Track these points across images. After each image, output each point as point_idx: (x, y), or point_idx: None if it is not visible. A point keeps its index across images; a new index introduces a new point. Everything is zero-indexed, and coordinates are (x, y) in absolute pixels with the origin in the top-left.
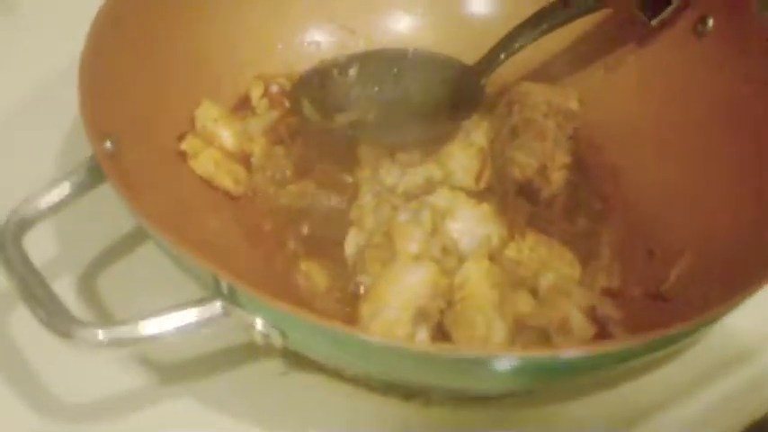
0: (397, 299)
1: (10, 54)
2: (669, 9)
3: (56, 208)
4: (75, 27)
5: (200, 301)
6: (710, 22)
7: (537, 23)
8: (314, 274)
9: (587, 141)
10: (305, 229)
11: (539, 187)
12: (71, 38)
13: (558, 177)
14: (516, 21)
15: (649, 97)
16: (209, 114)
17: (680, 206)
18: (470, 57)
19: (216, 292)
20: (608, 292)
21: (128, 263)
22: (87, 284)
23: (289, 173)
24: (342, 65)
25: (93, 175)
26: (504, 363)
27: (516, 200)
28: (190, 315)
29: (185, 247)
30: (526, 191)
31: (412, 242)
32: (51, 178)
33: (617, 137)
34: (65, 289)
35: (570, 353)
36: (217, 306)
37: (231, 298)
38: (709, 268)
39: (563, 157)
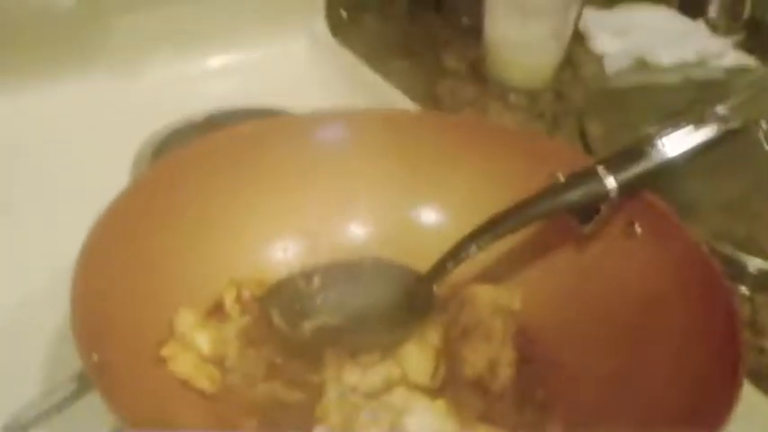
0: None
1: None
2: (598, 217)
3: (47, 416)
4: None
5: None
6: (637, 227)
7: (480, 236)
8: None
9: (530, 337)
10: (275, 425)
11: (488, 383)
12: (59, 252)
13: (505, 373)
14: (462, 227)
15: (586, 296)
16: (186, 321)
17: (618, 394)
18: (422, 260)
19: None
20: None
21: None
22: None
23: (260, 373)
24: (307, 275)
25: (83, 386)
26: None
27: (468, 395)
28: None
29: None
30: (477, 386)
31: None
32: (40, 389)
33: (557, 333)
34: None
35: None
36: None
37: None
38: None
39: (509, 354)
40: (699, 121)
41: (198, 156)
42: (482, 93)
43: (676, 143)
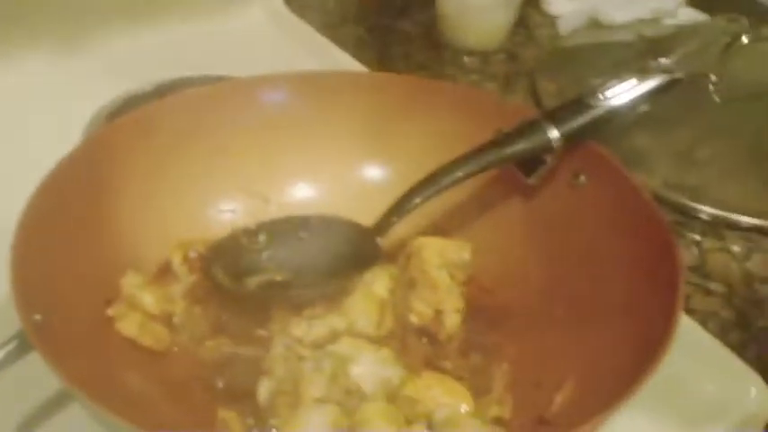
0: None
1: None
2: (543, 168)
3: None
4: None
5: None
6: (582, 177)
7: (425, 188)
8: (230, 422)
9: (479, 285)
10: (222, 381)
11: (435, 331)
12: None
13: (451, 321)
14: (408, 183)
15: (535, 244)
16: (133, 282)
17: (563, 340)
18: (370, 216)
19: None
20: (499, 421)
21: (58, 422)
22: None
23: (206, 330)
24: (251, 232)
25: (23, 345)
26: None
27: (415, 343)
28: None
29: (108, 408)
30: (424, 334)
31: (315, 388)
32: None
33: (507, 281)
34: None
35: None
36: None
37: None
38: (588, 393)
39: (456, 303)
40: (643, 73)
41: (144, 119)
42: (436, 56)
43: (620, 94)
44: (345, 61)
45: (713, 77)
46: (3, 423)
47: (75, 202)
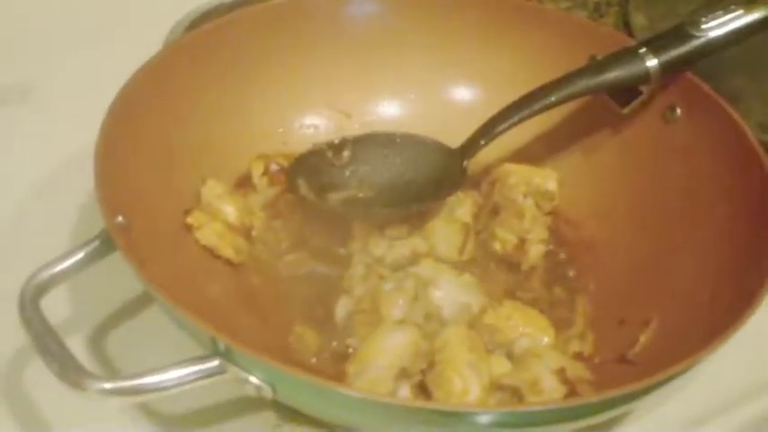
0: (381, 359)
1: (28, 138)
2: (638, 99)
3: (71, 274)
4: (86, 113)
5: (199, 359)
6: (678, 111)
7: (515, 112)
8: (306, 337)
9: (565, 218)
10: (300, 297)
11: (518, 260)
12: (84, 123)
13: (535, 251)
14: (497, 107)
15: (624, 179)
16: (213, 191)
17: (649, 278)
18: (456, 139)
19: (214, 351)
20: (580, 357)
21: (136, 323)
22: (99, 342)
23: (286, 245)
24: (336, 147)
25: (106, 245)
26: (472, 417)
27: (497, 271)
28: (189, 371)
29: (186, 311)
30: (507, 263)
31: (396, 308)
32: (67, 248)
33: (593, 214)
34: (78, 346)
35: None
36: (214, 363)
37: (227, 356)
38: (672, 336)
39: (541, 233)
40: (747, 4)
41: (229, 28)
42: None
43: (723, 25)
44: None
45: None
46: (84, 323)
47: (158, 107)
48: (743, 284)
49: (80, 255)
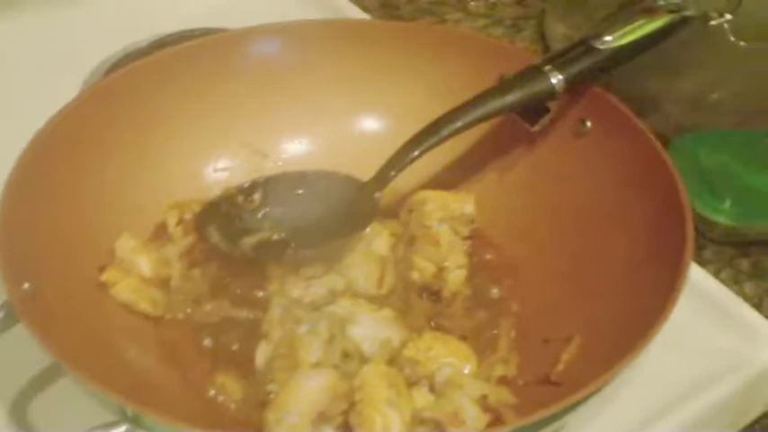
0: (298, 405)
1: None
2: (547, 116)
3: None
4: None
5: (106, 425)
6: (588, 123)
7: (424, 139)
8: (228, 386)
9: (485, 240)
10: (220, 345)
11: (438, 288)
12: None
13: (455, 277)
14: (409, 134)
15: (540, 196)
16: (127, 245)
17: (570, 294)
18: (370, 170)
19: (123, 417)
20: (503, 380)
21: (54, 390)
22: (15, 412)
23: (204, 293)
24: (246, 191)
25: (10, 316)
26: None
27: (418, 301)
28: None
29: (91, 379)
30: (427, 292)
31: (311, 352)
32: None
33: (512, 234)
34: None
35: None
36: (121, 429)
37: (136, 421)
38: (595, 351)
39: (459, 259)
40: (651, 12)
41: (136, 76)
42: (441, 1)
43: (625, 36)
44: (346, 8)
45: (728, 16)
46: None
47: (66, 161)
48: (657, 291)
49: None
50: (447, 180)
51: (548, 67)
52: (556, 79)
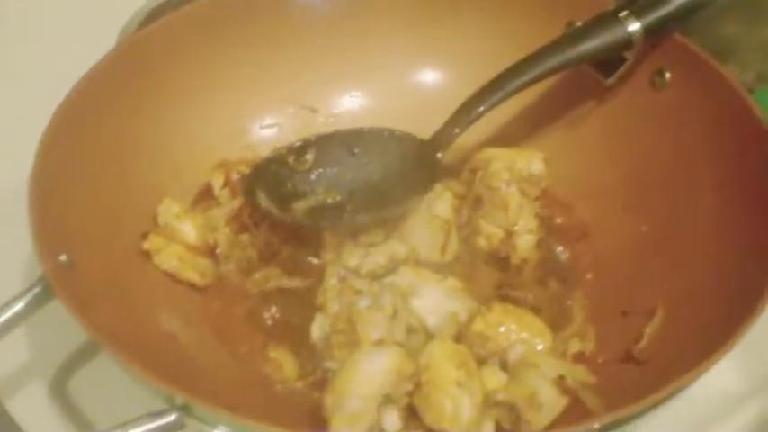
0: (361, 389)
1: None
2: (623, 67)
3: (11, 327)
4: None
5: (155, 415)
6: (667, 74)
7: (489, 95)
8: (283, 362)
9: (555, 201)
10: (272, 316)
11: (506, 255)
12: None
13: (524, 243)
14: (470, 89)
15: (614, 153)
16: (170, 211)
17: (651, 261)
18: (429, 127)
19: (171, 405)
20: (580, 357)
21: (91, 370)
22: (48, 398)
23: (255, 260)
24: (297, 150)
25: (48, 290)
26: None
27: (485, 268)
28: (144, 429)
29: (137, 364)
30: (494, 259)
31: (373, 328)
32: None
33: (585, 194)
34: (25, 403)
35: None
36: (171, 418)
37: (186, 410)
38: (680, 326)
39: (529, 223)
40: None
41: (175, 27)
42: None
43: None
44: None
45: None
46: (29, 379)
47: (103, 123)
48: (755, 257)
49: (20, 305)
50: (512, 137)
51: (624, 14)
52: (633, 27)
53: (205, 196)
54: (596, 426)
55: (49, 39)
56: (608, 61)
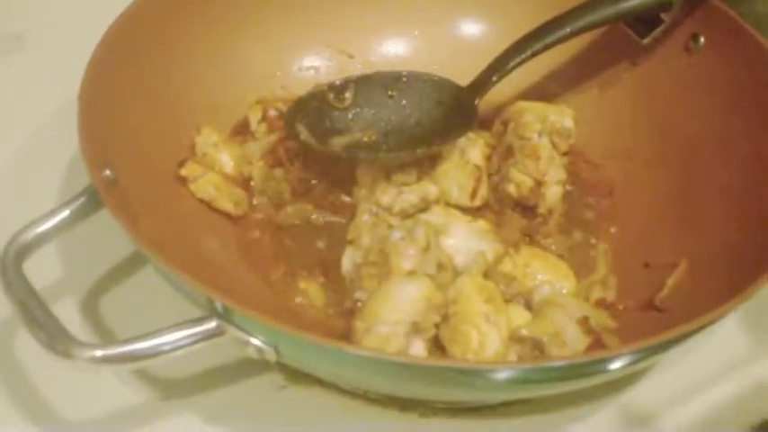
0: (392, 314)
1: (13, 89)
2: (660, 28)
3: (55, 234)
4: (77, 62)
5: (196, 321)
6: (701, 39)
7: (528, 45)
8: (312, 292)
9: (583, 157)
10: (303, 249)
11: (534, 203)
12: (74, 72)
13: (553, 193)
14: (508, 41)
15: (644, 115)
16: (209, 140)
17: (675, 218)
18: (465, 76)
19: (211, 312)
20: (603, 304)
21: (128, 284)
22: (89, 306)
23: (287, 194)
24: (337, 89)
25: (92, 201)
26: (493, 374)
27: (512, 215)
28: (186, 333)
29: (180, 271)
30: (522, 206)
31: (406, 259)
32: (53, 205)
33: (612, 153)
34: (67, 311)
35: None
36: (212, 325)
37: (226, 317)
38: (702, 278)
39: (558, 174)
40: None
41: None
42: None
43: None
44: None
45: None
46: (72, 286)
47: (149, 50)
48: None
49: (65, 213)
50: (544, 92)
51: None
52: None
53: (242, 130)
54: None
55: None
56: (645, 22)
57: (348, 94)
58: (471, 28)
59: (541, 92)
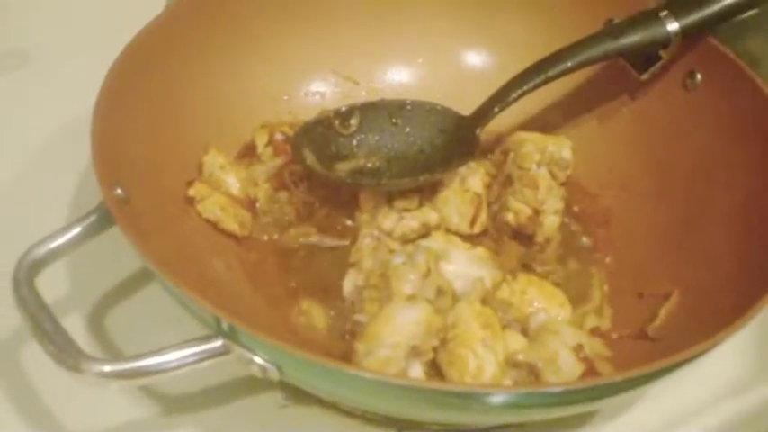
0: (391, 337)
1: (25, 105)
2: (658, 64)
3: (67, 250)
4: (82, 78)
5: (201, 339)
6: (698, 76)
7: (530, 77)
8: (313, 313)
9: (580, 188)
10: (305, 271)
11: (532, 232)
12: (79, 89)
13: (550, 222)
14: (511, 73)
15: (640, 147)
16: (216, 162)
17: (669, 250)
18: (467, 106)
19: (217, 331)
20: (597, 332)
21: (137, 301)
22: (97, 321)
23: (291, 217)
24: (343, 115)
25: (103, 219)
26: (489, 397)
27: (511, 243)
28: (191, 351)
29: (188, 289)
30: (521, 235)
31: (407, 283)
32: (64, 222)
33: (609, 184)
34: (75, 325)
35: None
36: (217, 343)
37: (231, 336)
38: (695, 309)
39: (555, 204)
40: None
41: None
42: None
43: None
44: None
45: None
46: (82, 301)
47: (161, 71)
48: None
49: (77, 229)
50: (544, 123)
51: (664, 13)
52: (672, 26)
53: (248, 153)
54: None
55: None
56: (643, 58)
57: (353, 121)
58: (475, 58)
59: (541, 123)
